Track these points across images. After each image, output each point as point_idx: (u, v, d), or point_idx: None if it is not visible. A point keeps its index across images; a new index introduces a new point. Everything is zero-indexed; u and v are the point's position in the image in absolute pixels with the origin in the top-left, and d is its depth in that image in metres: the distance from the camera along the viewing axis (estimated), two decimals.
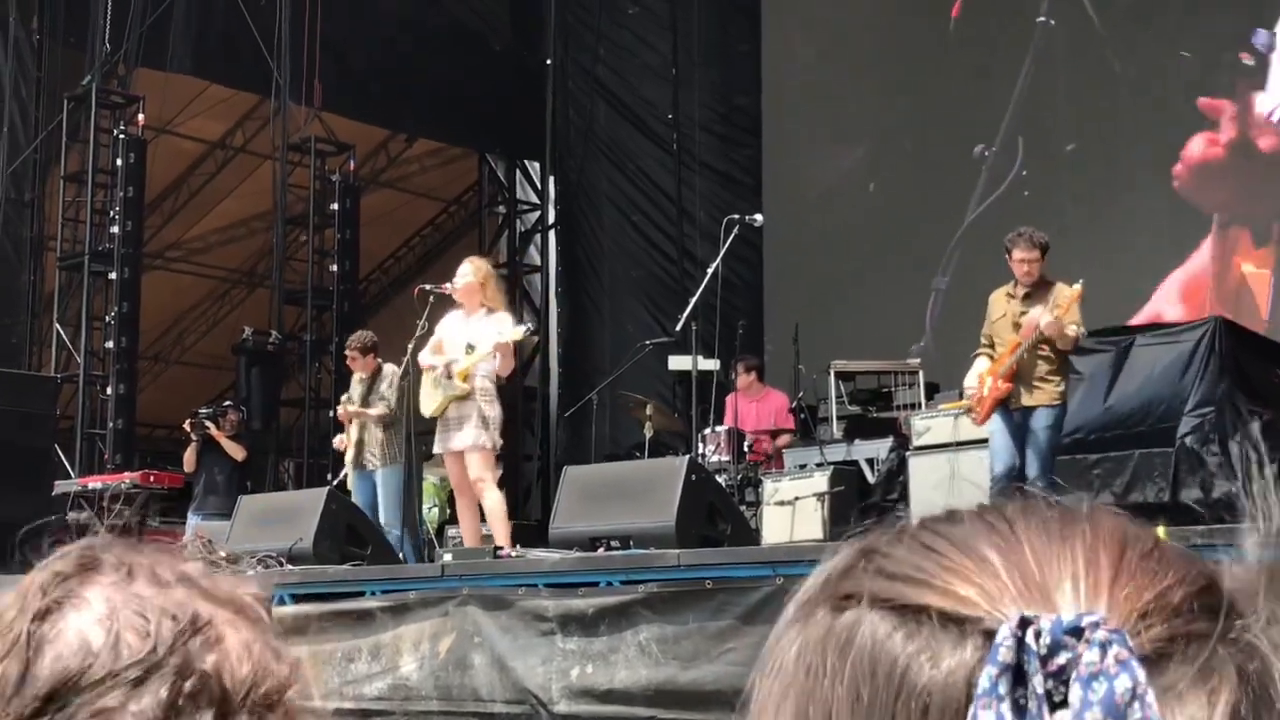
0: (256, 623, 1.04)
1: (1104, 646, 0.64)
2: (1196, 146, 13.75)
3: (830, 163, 16.60)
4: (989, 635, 0.66)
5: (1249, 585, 0.72)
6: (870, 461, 11.36)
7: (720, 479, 10.32)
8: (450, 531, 13.16)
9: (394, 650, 7.89)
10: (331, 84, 17.06)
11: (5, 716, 0.95)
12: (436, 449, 9.54)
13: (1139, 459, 9.58)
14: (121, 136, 15.67)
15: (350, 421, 11.22)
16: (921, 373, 12.59)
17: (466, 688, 7.51)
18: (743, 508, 10.22)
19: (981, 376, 8.37)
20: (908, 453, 10.19)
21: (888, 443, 11.23)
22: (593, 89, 18.88)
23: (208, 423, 13.31)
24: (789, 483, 10.71)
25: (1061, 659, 0.64)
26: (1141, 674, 0.64)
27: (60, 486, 13.43)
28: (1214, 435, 9.28)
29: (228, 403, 14.17)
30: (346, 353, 11.70)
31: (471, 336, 9.19)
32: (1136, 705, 0.63)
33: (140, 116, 16.00)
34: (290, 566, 8.93)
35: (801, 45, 17.01)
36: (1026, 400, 8.21)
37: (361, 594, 8.35)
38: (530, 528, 14.00)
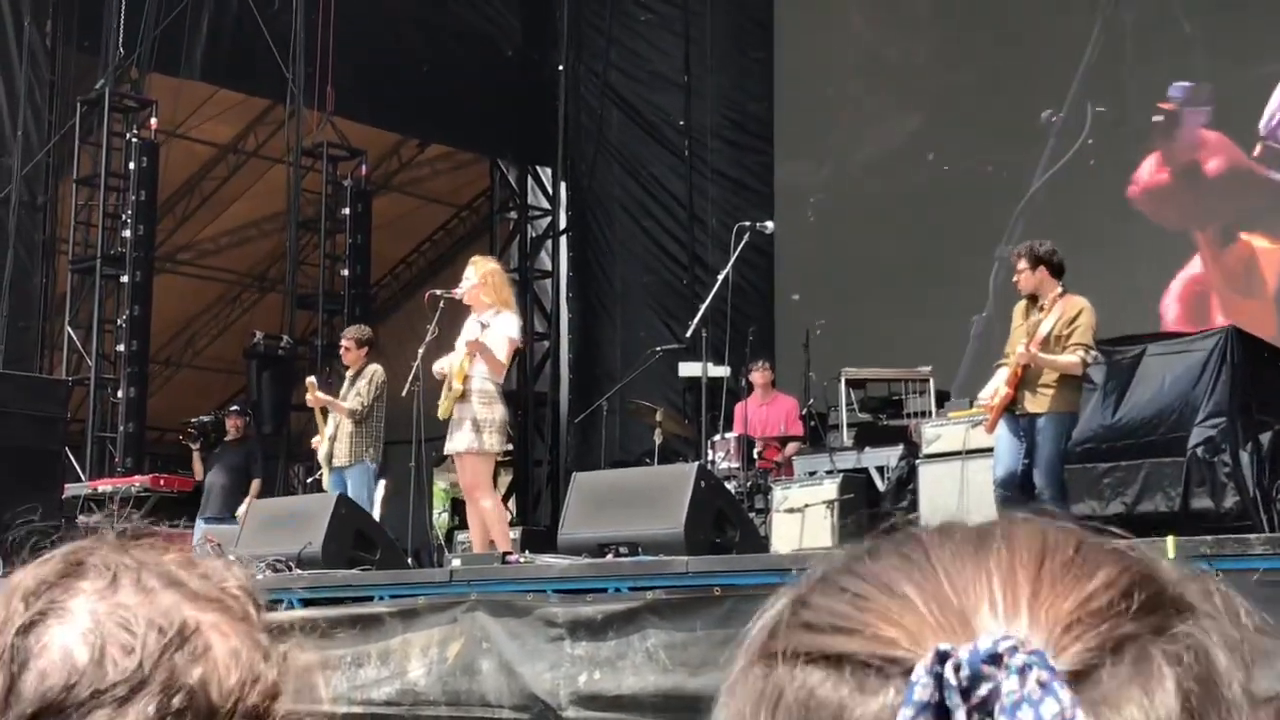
0: (244, 620, 1.03)
1: (1023, 671, 0.63)
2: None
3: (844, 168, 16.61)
4: (910, 673, 0.65)
5: (1200, 581, 0.71)
6: (880, 469, 11.34)
7: (730, 486, 10.31)
8: (460, 537, 13.16)
9: (402, 655, 7.89)
10: (344, 89, 17.06)
11: None
12: (446, 451, 9.54)
13: (1150, 469, 9.55)
14: (134, 140, 15.69)
15: (324, 413, 11.18)
16: (932, 380, 12.58)
17: (474, 693, 7.50)
18: (752, 515, 10.20)
19: (997, 389, 8.35)
20: (918, 460, 10.17)
21: (898, 450, 11.21)
22: (605, 95, 18.89)
23: (184, 440, 13.56)
24: (798, 490, 10.70)
25: (983, 690, 0.63)
26: (1066, 695, 0.63)
27: (70, 489, 13.43)
28: (1225, 446, 9.25)
29: (235, 406, 14.20)
30: (342, 342, 11.66)
31: (471, 337, 9.22)
32: None
33: (153, 121, 16.02)
34: (299, 571, 8.93)
35: (815, 53, 16.99)
36: (1031, 407, 8.17)
37: (370, 599, 8.35)
38: (539, 533, 14.01)
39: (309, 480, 11.84)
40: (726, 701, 0.73)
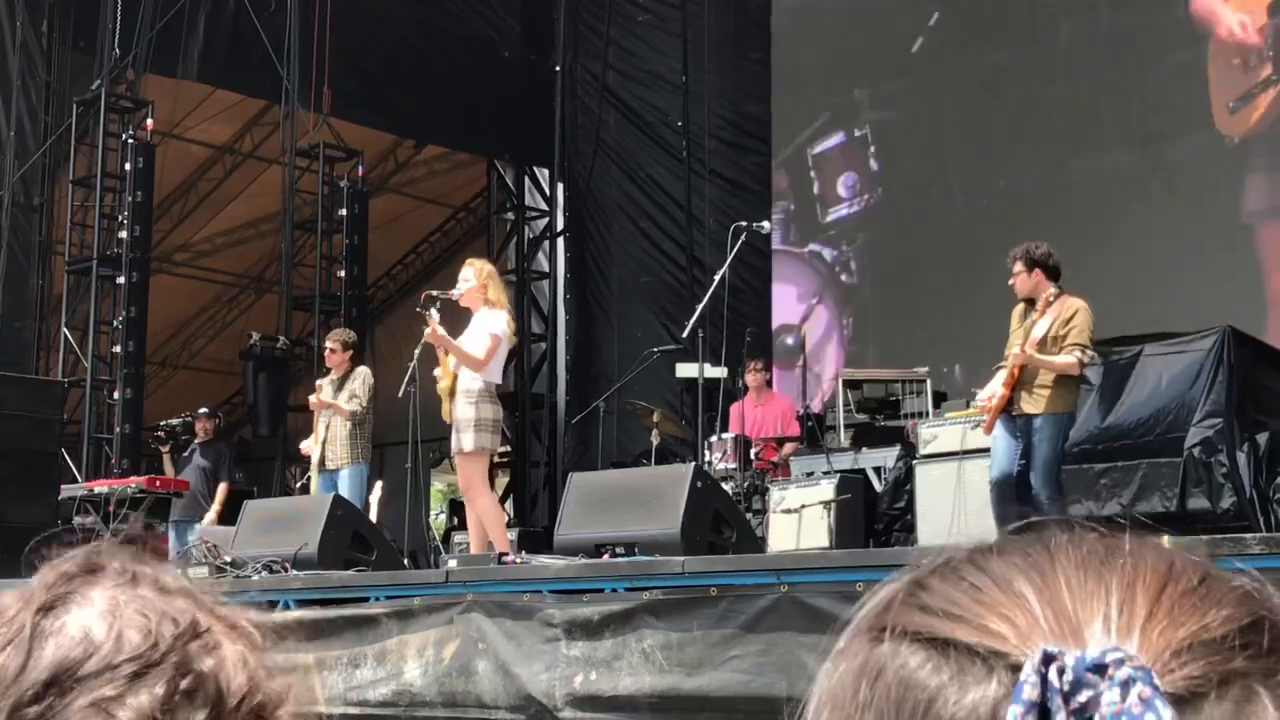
0: (252, 643, 1.05)
1: (1126, 685, 0.63)
2: None
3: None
4: (1016, 670, 0.66)
5: None
6: (877, 470, 11.34)
7: (726, 487, 10.30)
8: (457, 538, 13.16)
9: (398, 656, 7.87)
10: (340, 89, 17.06)
11: (6, 703, 0.96)
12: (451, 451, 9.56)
13: (1147, 469, 9.55)
14: (130, 141, 15.68)
15: (318, 416, 11.19)
16: (929, 381, 12.58)
17: (470, 694, 7.49)
18: (749, 515, 10.20)
19: (994, 391, 8.34)
20: (915, 461, 10.16)
21: (895, 451, 11.21)
22: (602, 95, 18.88)
23: (153, 444, 13.63)
24: (795, 491, 10.69)
25: (1083, 696, 0.63)
26: (1168, 713, 0.63)
27: (67, 490, 13.42)
28: (1222, 446, 9.25)
29: (203, 409, 14.24)
30: (328, 344, 11.67)
31: (464, 335, 9.24)
32: None
33: (149, 121, 16.01)
34: (295, 572, 8.93)
35: (813, 54, 17.00)
36: (1027, 407, 8.15)
37: (366, 599, 8.34)
38: (536, 534, 14.01)
39: (299, 485, 11.86)
40: (832, 668, 0.73)
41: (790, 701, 0.79)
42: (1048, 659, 0.64)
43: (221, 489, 13.62)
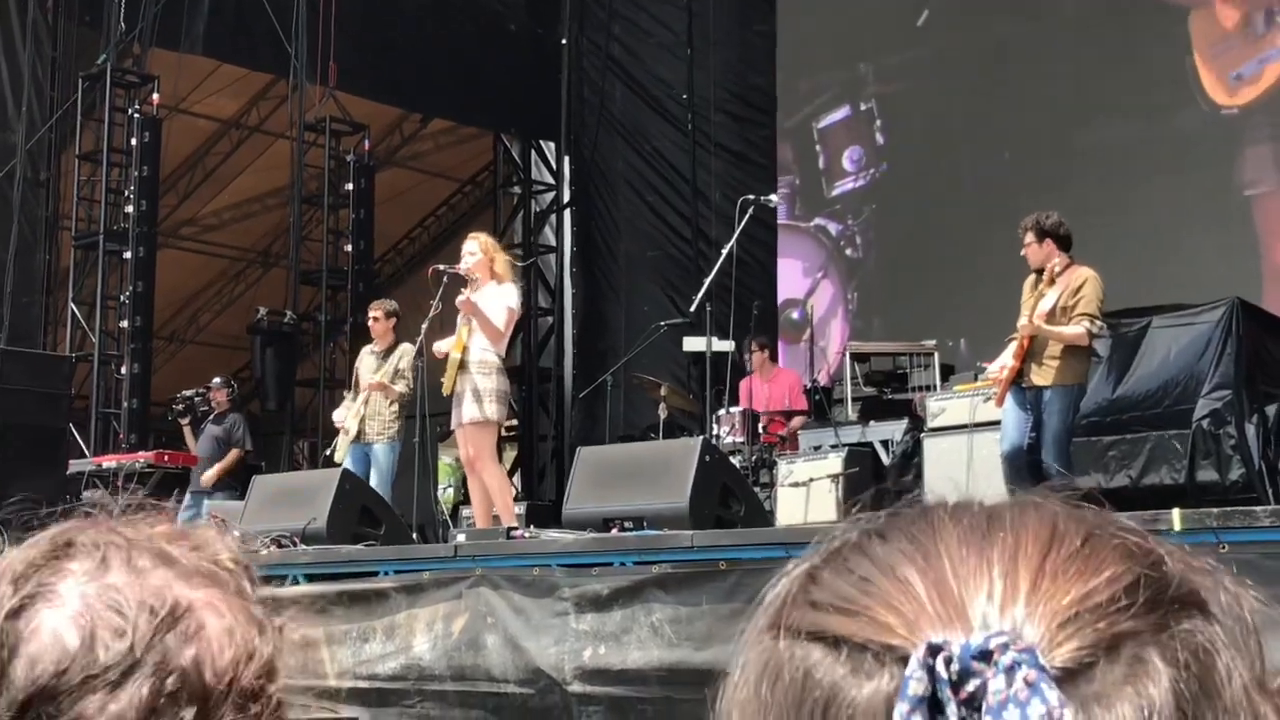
0: (237, 594, 1.02)
1: (1011, 670, 0.63)
2: None
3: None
4: (905, 661, 0.65)
5: (1212, 575, 0.70)
6: (885, 443, 11.33)
7: (734, 460, 10.30)
8: (465, 512, 13.17)
9: (407, 630, 7.89)
10: (346, 63, 17.02)
11: None
12: (451, 426, 9.54)
13: (1155, 441, 9.53)
14: (136, 116, 15.66)
15: (369, 392, 11.16)
16: (937, 355, 12.57)
17: (480, 668, 7.51)
18: (757, 489, 10.21)
19: (1004, 363, 8.32)
20: (923, 434, 10.15)
21: (903, 424, 11.20)
22: (608, 68, 18.84)
23: (171, 417, 13.61)
24: (803, 464, 10.69)
25: (971, 685, 0.63)
26: (1054, 695, 0.62)
27: (75, 465, 13.46)
28: (1230, 418, 9.23)
29: (217, 379, 14.19)
30: (371, 314, 11.61)
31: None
32: None
33: (155, 96, 15.99)
34: (304, 546, 8.94)
35: (818, 27, 16.95)
36: (1037, 379, 8.12)
37: (375, 574, 8.35)
38: (544, 508, 14.03)
39: (327, 453, 11.82)
40: (738, 665, 0.73)
41: None
42: (933, 650, 0.64)
43: (232, 454, 13.57)
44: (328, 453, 11.87)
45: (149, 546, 1.02)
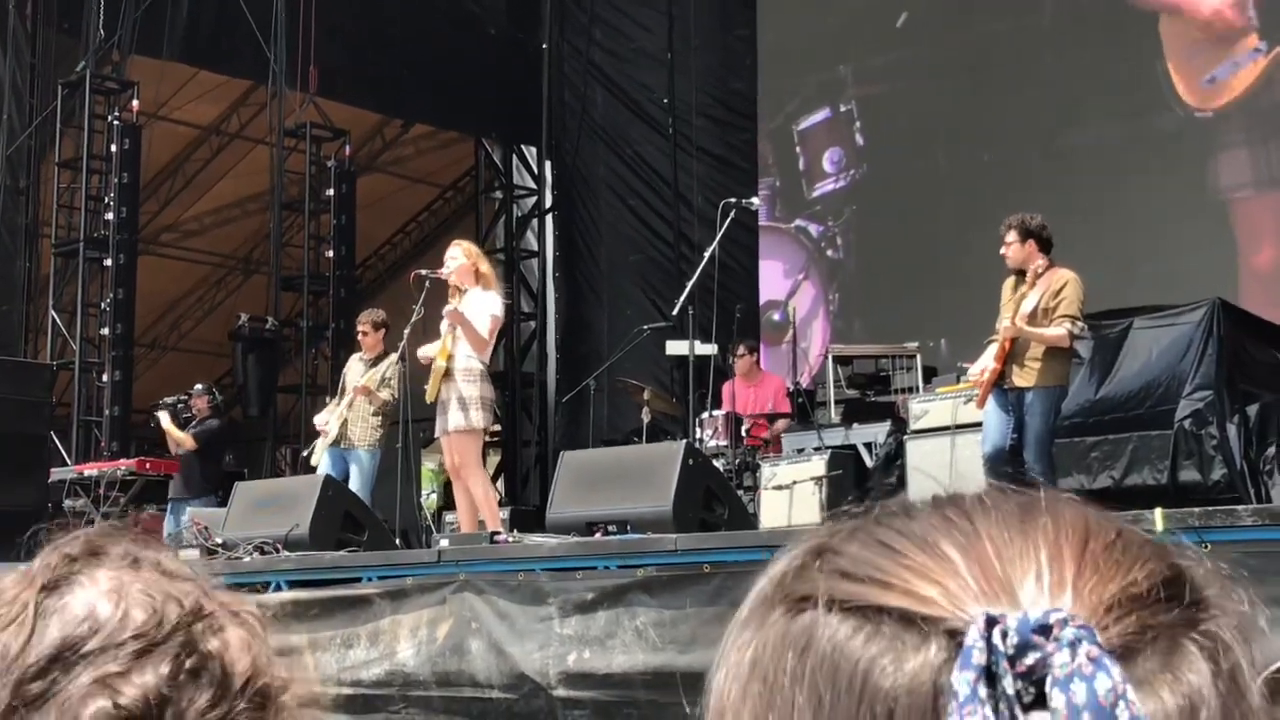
0: (255, 629, 1.05)
1: (1074, 645, 0.63)
2: None
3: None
4: (952, 635, 0.65)
5: (1218, 578, 0.71)
6: (868, 445, 11.34)
7: (718, 464, 10.31)
8: (448, 517, 13.15)
9: (392, 636, 7.88)
10: (327, 69, 17.00)
11: (9, 679, 0.95)
12: (436, 434, 9.53)
13: (1137, 442, 9.56)
14: (116, 123, 15.62)
15: (354, 396, 11.15)
16: (919, 357, 12.58)
17: (464, 673, 7.50)
18: (740, 492, 10.21)
19: (985, 365, 8.34)
20: (906, 436, 10.17)
21: (886, 426, 11.21)
22: (589, 73, 18.85)
23: (158, 414, 13.51)
24: (787, 467, 10.69)
25: (1030, 659, 0.63)
26: (1118, 672, 0.63)
27: (57, 474, 13.39)
28: (1212, 418, 9.26)
29: (199, 386, 14.14)
30: (359, 327, 11.61)
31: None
32: (1121, 704, 0.62)
33: (135, 103, 15.95)
34: (287, 553, 8.92)
35: (798, 29, 16.97)
36: (1019, 380, 8.14)
37: (358, 580, 8.34)
38: (528, 513, 14.01)
39: (305, 454, 11.79)
40: (740, 640, 0.72)
41: None
42: (990, 622, 0.64)
43: (189, 440, 13.45)
44: (305, 454, 11.86)
45: (178, 565, 1.05)
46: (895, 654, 0.66)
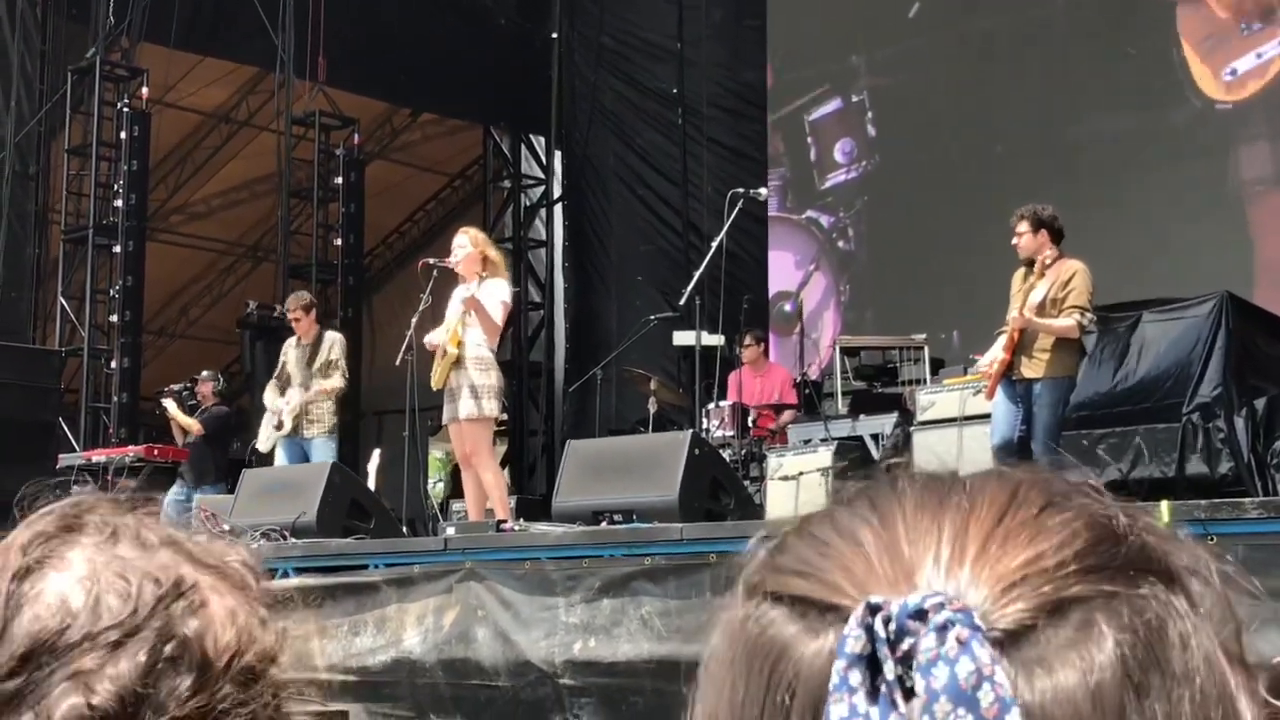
0: (242, 589, 1.02)
1: (943, 629, 0.63)
2: None
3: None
4: (848, 620, 0.66)
5: (1189, 548, 0.71)
6: (875, 437, 11.32)
7: (724, 454, 10.30)
8: (455, 506, 13.16)
9: (398, 624, 7.89)
10: (335, 57, 17.00)
11: None
12: (444, 420, 9.52)
13: (1145, 435, 9.55)
14: (125, 109, 15.63)
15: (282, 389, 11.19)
16: (926, 348, 12.57)
17: (470, 661, 7.51)
18: (746, 482, 10.20)
19: (995, 356, 8.33)
20: (912, 428, 10.16)
21: (893, 418, 11.19)
22: (598, 63, 18.83)
23: (164, 401, 13.49)
24: (793, 458, 10.69)
25: (906, 644, 0.64)
26: (985, 653, 0.63)
27: (64, 460, 13.42)
28: (1220, 412, 9.25)
29: (204, 372, 14.13)
30: (290, 314, 11.61)
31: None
32: (986, 686, 0.62)
33: (144, 89, 15.96)
34: (293, 540, 8.93)
35: (809, 20, 16.94)
36: (1027, 372, 8.13)
37: (365, 567, 8.35)
38: (534, 501, 14.02)
39: (254, 444, 11.78)
40: (715, 627, 0.75)
41: None
42: (872, 609, 0.65)
43: (196, 426, 13.45)
44: (255, 443, 11.85)
45: (157, 529, 1.03)
46: (804, 638, 0.68)
